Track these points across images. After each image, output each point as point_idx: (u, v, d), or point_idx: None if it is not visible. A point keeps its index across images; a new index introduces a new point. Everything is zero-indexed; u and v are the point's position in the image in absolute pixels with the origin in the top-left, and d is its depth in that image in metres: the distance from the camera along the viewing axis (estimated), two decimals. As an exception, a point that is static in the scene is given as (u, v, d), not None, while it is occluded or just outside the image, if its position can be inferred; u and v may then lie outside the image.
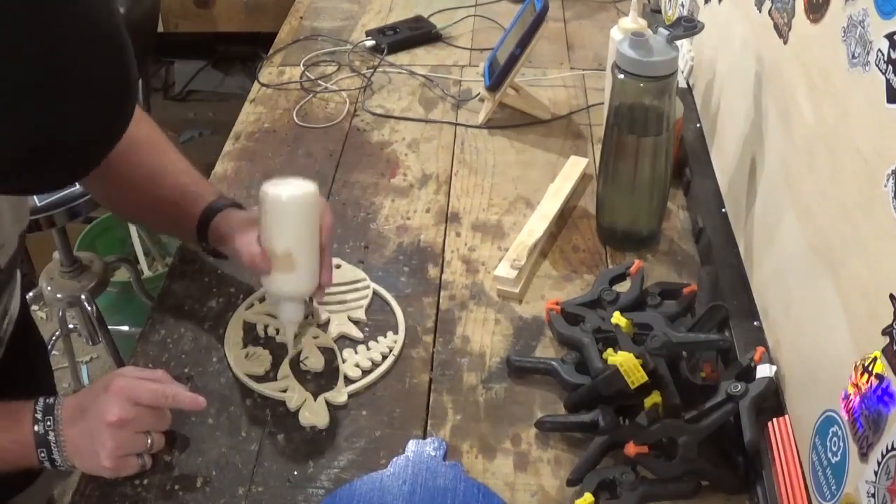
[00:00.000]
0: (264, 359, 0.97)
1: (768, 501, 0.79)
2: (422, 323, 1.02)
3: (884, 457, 0.62)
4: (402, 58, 1.56)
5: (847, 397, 0.69)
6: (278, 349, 0.98)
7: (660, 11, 1.54)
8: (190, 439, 0.89)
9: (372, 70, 1.51)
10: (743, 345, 0.91)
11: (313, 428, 0.90)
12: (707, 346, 0.89)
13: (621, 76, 1.01)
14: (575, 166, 1.24)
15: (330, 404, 0.91)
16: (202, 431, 0.90)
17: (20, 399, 0.82)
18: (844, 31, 0.72)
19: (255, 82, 1.50)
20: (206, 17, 2.80)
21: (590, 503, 0.80)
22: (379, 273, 1.09)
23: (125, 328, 2.04)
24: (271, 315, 1.01)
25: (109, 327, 1.84)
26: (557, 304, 1.00)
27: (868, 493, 0.64)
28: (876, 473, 0.63)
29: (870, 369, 0.65)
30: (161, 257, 2.22)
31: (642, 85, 1.01)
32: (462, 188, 1.24)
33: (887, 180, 0.63)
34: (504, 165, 1.28)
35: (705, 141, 1.21)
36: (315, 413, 0.90)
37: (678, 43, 1.01)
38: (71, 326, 1.84)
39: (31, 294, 1.77)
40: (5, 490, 1.00)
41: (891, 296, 0.62)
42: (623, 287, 1.01)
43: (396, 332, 1.00)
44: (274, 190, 0.87)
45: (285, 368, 0.95)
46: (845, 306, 0.71)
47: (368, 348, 0.98)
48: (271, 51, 1.61)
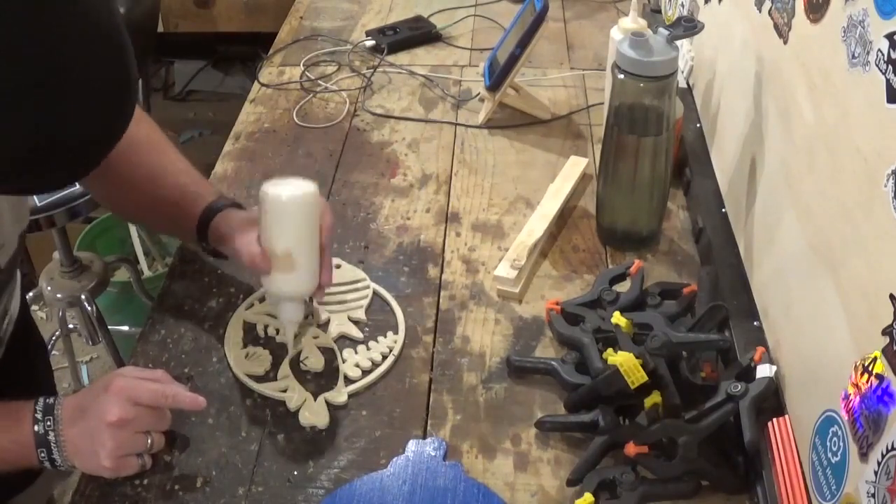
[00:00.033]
0: (264, 359, 0.97)
1: (768, 501, 0.79)
2: (422, 323, 1.02)
3: (884, 457, 0.62)
4: (402, 58, 1.56)
5: (847, 397, 0.69)
6: (278, 349, 0.98)
7: (660, 11, 1.54)
8: (190, 439, 0.89)
9: (372, 70, 1.51)
10: (743, 345, 0.91)
11: (313, 428, 0.90)
12: (707, 346, 0.89)
13: (621, 76, 1.01)
14: (575, 166, 1.24)
15: (330, 404, 0.91)
16: (202, 431, 0.90)
17: (20, 399, 0.82)
18: (844, 31, 0.72)
19: (255, 82, 1.50)
20: (206, 17, 2.80)
21: (590, 503, 0.80)
22: (379, 273, 1.09)
23: (125, 328, 2.04)
24: (271, 315, 1.01)
25: (109, 327, 1.84)
26: (557, 304, 1.00)
27: (868, 493, 0.64)
28: (876, 473, 0.63)
29: (870, 369, 0.65)
30: (161, 257, 2.22)
31: (642, 85, 1.01)
32: (462, 188, 1.24)
33: (887, 180, 0.63)
34: (504, 165, 1.28)
35: (705, 141, 1.21)
36: (315, 413, 0.90)
37: (678, 43, 1.01)
38: (71, 326, 1.84)
39: (31, 294, 1.77)
40: (5, 490, 1.00)
41: (891, 296, 0.62)
42: (623, 287, 1.01)
43: (396, 332, 1.00)
44: (274, 190, 0.87)
45: (285, 368, 0.95)
46: (845, 306, 0.71)
47: (368, 348, 0.98)
48: (271, 51, 1.61)
